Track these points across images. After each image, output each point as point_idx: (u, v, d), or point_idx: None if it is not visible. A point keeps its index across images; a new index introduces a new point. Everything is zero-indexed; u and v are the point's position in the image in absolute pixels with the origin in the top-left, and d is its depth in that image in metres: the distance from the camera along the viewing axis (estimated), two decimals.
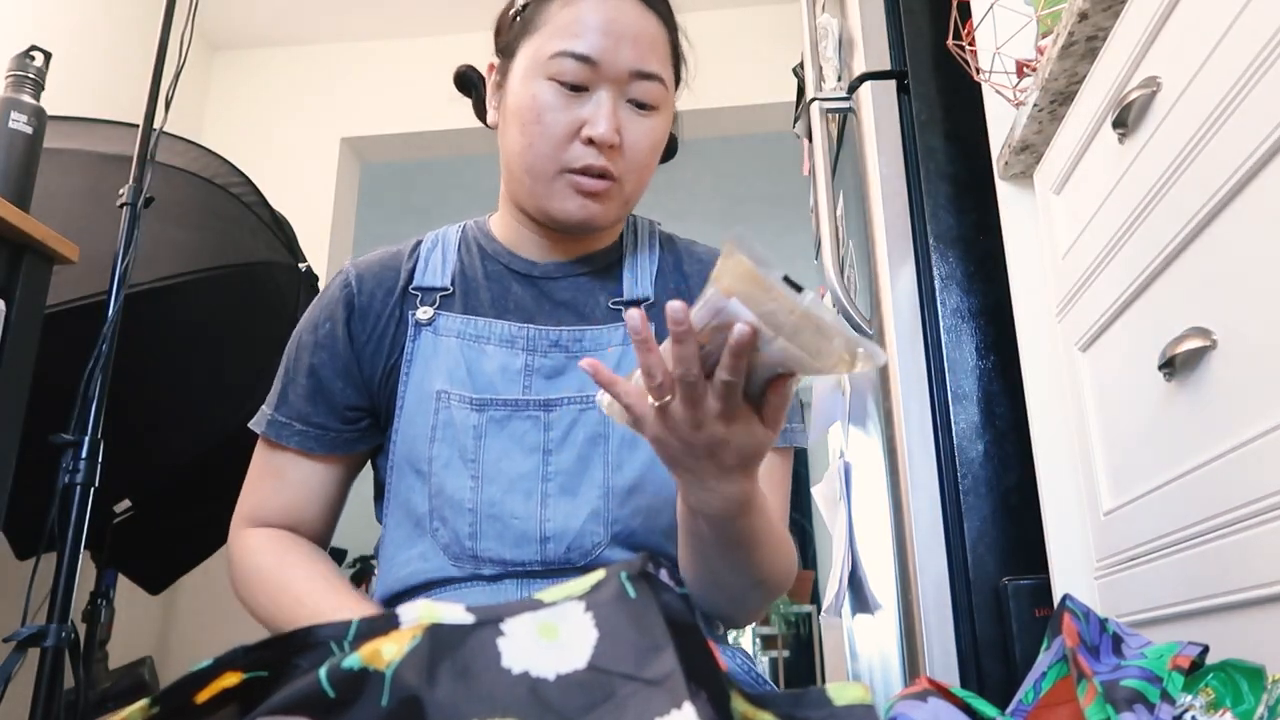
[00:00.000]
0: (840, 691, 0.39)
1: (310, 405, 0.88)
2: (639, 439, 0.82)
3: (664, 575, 0.38)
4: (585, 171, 0.83)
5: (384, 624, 0.37)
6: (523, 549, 0.81)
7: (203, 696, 0.35)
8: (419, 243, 0.94)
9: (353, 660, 0.34)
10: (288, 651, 0.37)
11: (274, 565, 0.85)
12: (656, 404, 0.61)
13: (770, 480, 0.86)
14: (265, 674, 0.36)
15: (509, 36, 0.89)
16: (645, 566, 0.38)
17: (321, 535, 0.91)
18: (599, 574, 0.39)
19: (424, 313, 0.87)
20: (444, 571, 0.81)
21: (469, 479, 0.82)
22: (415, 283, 0.90)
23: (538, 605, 0.38)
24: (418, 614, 0.37)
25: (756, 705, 0.38)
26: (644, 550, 0.82)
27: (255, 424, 0.90)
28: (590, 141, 0.82)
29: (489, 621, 0.37)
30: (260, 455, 0.90)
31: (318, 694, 0.34)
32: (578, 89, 0.83)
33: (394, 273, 0.91)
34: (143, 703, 0.35)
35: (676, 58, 0.90)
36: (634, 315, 0.58)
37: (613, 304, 0.90)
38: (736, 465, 0.64)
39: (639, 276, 0.92)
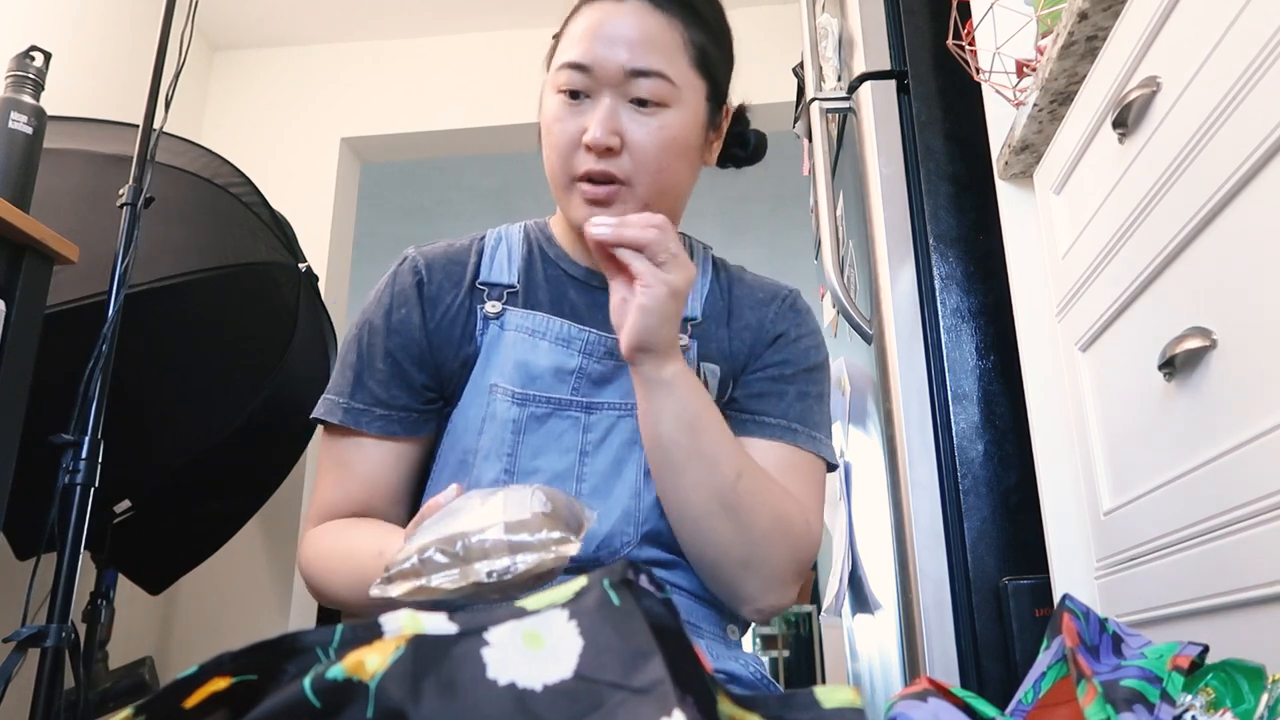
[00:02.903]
0: (830, 694, 0.39)
1: (389, 390, 0.87)
2: None
3: (644, 581, 0.38)
4: (588, 178, 0.84)
5: (367, 632, 0.37)
6: None
7: (190, 702, 0.35)
8: (482, 238, 0.94)
9: (336, 671, 0.34)
10: (274, 656, 0.37)
11: (333, 540, 0.84)
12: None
13: (792, 474, 0.87)
14: (254, 677, 0.36)
15: (547, 61, 0.91)
16: (626, 573, 0.38)
17: (395, 521, 0.89)
18: (581, 580, 0.39)
19: (493, 307, 0.89)
20: None
21: (503, 473, 0.83)
22: (482, 278, 0.91)
23: (521, 613, 0.37)
24: (400, 624, 0.37)
25: (744, 708, 0.38)
26: (675, 549, 0.84)
27: (327, 414, 0.87)
28: (589, 148, 0.83)
29: (472, 631, 0.36)
30: (326, 450, 0.89)
31: (303, 704, 0.34)
32: (580, 98, 0.84)
33: (461, 266, 0.91)
34: (126, 711, 0.35)
35: (704, 57, 0.88)
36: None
37: None
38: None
39: (691, 295, 0.91)
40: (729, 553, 0.81)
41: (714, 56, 0.90)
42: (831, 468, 0.93)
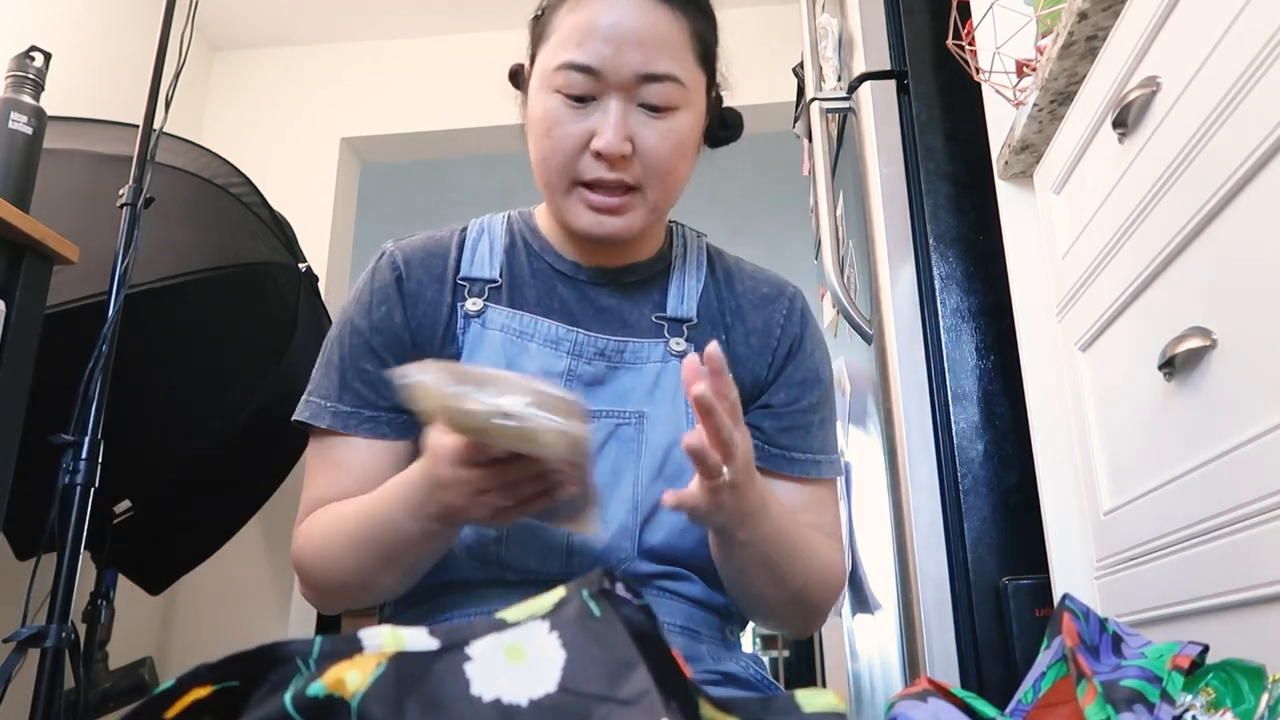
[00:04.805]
0: (810, 698, 0.39)
1: (377, 390, 0.84)
2: (668, 456, 0.83)
3: (620, 589, 0.38)
4: (597, 184, 0.81)
5: (347, 646, 0.36)
6: (549, 560, 0.80)
7: (172, 712, 0.35)
8: (463, 230, 0.91)
9: (317, 687, 0.34)
10: (253, 666, 0.36)
11: (326, 517, 0.81)
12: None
13: (819, 506, 0.88)
14: (235, 684, 0.36)
15: (530, 43, 0.88)
16: (604, 583, 0.38)
17: None
18: (560, 592, 0.38)
19: (473, 304, 0.86)
20: (466, 574, 0.80)
21: None
22: (463, 273, 0.87)
23: (502, 625, 0.37)
24: (381, 640, 0.36)
25: (724, 711, 0.38)
26: (672, 562, 0.82)
27: (313, 418, 0.84)
28: (600, 154, 0.80)
29: (454, 646, 0.36)
30: (317, 451, 0.85)
31: None
32: (585, 100, 0.80)
33: (441, 260, 0.88)
34: None
35: (705, 50, 0.85)
36: (695, 364, 0.63)
37: (656, 318, 0.88)
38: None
39: (684, 295, 0.90)
40: (780, 607, 0.84)
41: (712, 46, 0.88)
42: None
